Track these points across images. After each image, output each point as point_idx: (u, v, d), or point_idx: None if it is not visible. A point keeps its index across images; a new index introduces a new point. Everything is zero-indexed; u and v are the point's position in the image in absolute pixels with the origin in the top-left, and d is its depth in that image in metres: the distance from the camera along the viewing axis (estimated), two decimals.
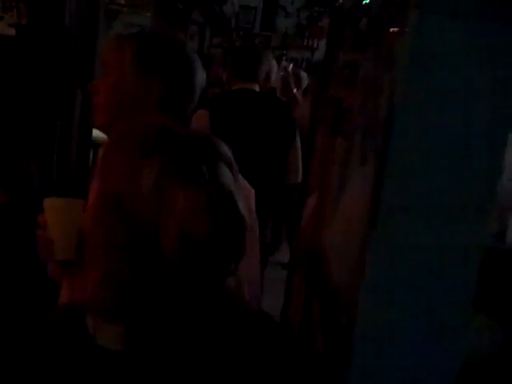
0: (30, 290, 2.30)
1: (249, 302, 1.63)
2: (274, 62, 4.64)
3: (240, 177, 1.82)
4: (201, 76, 1.74)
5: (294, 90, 5.86)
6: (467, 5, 1.12)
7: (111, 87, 1.65)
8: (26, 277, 2.30)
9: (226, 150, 1.06)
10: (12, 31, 2.95)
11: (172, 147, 0.99)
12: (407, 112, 1.16)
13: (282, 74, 6.00)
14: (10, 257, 2.34)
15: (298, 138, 3.64)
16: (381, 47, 1.46)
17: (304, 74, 6.51)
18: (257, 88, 3.63)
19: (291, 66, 6.89)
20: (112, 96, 1.65)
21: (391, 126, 1.16)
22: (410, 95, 1.16)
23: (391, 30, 1.38)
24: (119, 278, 0.98)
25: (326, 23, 8.39)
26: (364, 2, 1.81)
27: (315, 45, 10.32)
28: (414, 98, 1.16)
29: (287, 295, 2.68)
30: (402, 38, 1.22)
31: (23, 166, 2.51)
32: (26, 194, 2.48)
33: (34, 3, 3.07)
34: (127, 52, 1.64)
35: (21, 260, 2.33)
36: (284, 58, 10.28)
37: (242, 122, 3.51)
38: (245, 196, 1.78)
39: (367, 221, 1.23)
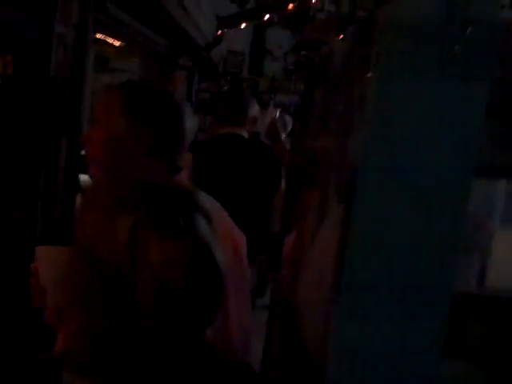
0: (12, 339, 2.29)
1: (235, 348, 1.62)
2: (259, 107, 4.69)
3: (232, 224, 1.84)
4: (190, 122, 1.78)
5: (282, 136, 5.89)
6: (428, 64, 1.14)
7: (102, 138, 1.70)
8: (7, 324, 2.29)
9: (203, 201, 1.07)
10: None
11: (148, 200, 1.00)
12: (368, 177, 1.17)
13: (269, 118, 6.04)
14: None
15: (283, 184, 3.66)
16: (351, 88, 1.48)
17: (289, 119, 6.57)
18: (244, 133, 3.65)
19: (278, 111, 6.94)
20: (104, 147, 1.70)
21: (353, 192, 1.18)
22: (370, 161, 1.17)
23: (360, 70, 1.40)
24: (94, 330, 0.98)
25: None
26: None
27: (302, 89, 10.43)
28: (374, 162, 1.18)
29: (267, 342, 2.66)
30: (361, 99, 1.24)
31: (9, 217, 2.52)
32: (10, 243, 2.48)
33: (20, 53, 3.10)
34: (116, 103, 1.70)
35: (7, 308, 2.32)
36: (272, 101, 10.39)
37: (228, 167, 3.53)
38: (234, 244, 1.79)
39: (331, 287, 1.24)
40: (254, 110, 3.85)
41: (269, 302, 5.32)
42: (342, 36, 1.75)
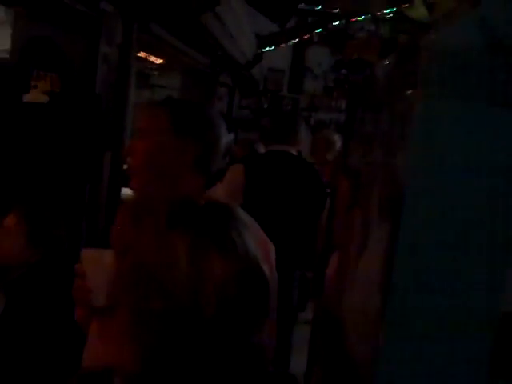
0: (61, 340, 2.36)
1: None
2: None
3: (263, 233, 1.87)
4: (226, 139, 1.84)
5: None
6: (471, 89, 1.18)
7: (148, 150, 1.77)
8: (57, 326, 2.37)
9: (242, 214, 1.10)
10: (45, 98, 3.08)
11: (196, 218, 1.04)
12: (417, 195, 1.21)
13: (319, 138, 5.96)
14: (42, 309, 2.41)
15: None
16: (395, 109, 1.52)
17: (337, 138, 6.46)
18: (294, 151, 3.75)
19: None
20: (148, 158, 1.77)
21: (401, 209, 1.21)
22: (415, 180, 1.21)
23: (404, 92, 1.44)
24: (151, 345, 1.00)
25: None
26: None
27: (343, 106, 10.45)
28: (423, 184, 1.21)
29: (310, 357, 2.67)
30: (410, 123, 1.27)
31: (55, 228, 2.61)
32: (57, 253, 2.57)
33: (67, 72, 3.21)
34: (162, 117, 1.77)
35: (51, 311, 2.40)
36: (312, 119, 10.42)
37: (278, 183, 3.60)
38: (266, 253, 1.83)
39: (380, 298, 1.26)
40: (304, 131, 3.98)
41: (310, 317, 5.34)
42: (384, 59, 1.79)
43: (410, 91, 1.29)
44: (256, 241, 1.10)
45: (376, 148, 1.70)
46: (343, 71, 9.93)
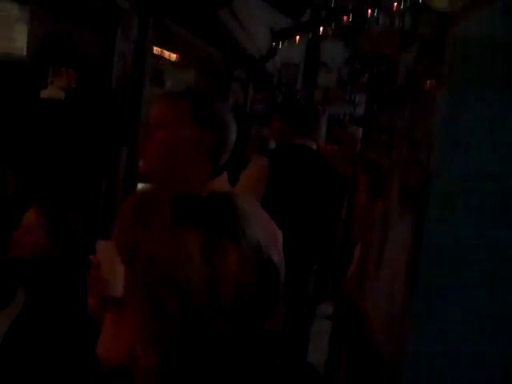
0: (79, 334, 2.38)
1: None
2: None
3: (271, 221, 1.89)
4: (235, 134, 1.90)
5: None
6: (499, 77, 1.18)
7: (167, 136, 1.83)
8: (75, 321, 2.39)
9: (244, 205, 1.10)
10: (62, 94, 3.11)
11: (203, 211, 1.04)
12: (444, 185, 1.21)
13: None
14: (62, 303, 2.44)
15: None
16: (417, 99, 1.52)
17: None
18: (314, 146, 3.75)
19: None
20: (166, 144, 1.83)
21: (427, 199, 1.21)
22: (441, 170, 1.21)
23: (427, 82, 1.44)
24: (170, 341, 1.01)
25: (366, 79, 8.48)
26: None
27: (357, 100, 10.42)
28: (447, 172, 1.21)
29: (331, 349, 2.68)
30: (435, 112, 1.27)
31: (74, 223, 2.63)
32: (76, 248, 2.59)
33: (83, 68, 3.23)
34: (183, 108, 1.84)
35: (70, 305, 2.42)
36: (326, 112, 10.38)
37: (299, 177, 3.61)
38: (273, 237, 1.84)
39: (406, 290, 1.26)
40: (325, 125, 3.98)
41: (329, 312, 5.36)
42: (404, 51, 1.80)
43: (433, 81, 1.29)
44: (262, 227, 1.11)
45: (398, 140, 1.70)
46: (357, 65, 9.90)
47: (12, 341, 2.39)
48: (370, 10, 6.83)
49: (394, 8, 5.91)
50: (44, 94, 3.10)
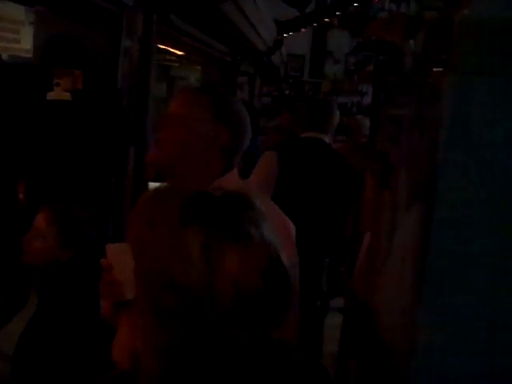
0: (92, 337, 2.37)
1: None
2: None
3: (283, 215, 1.88)
4: (250, 130, 1.91)
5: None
6: (508, 61, 1.14)
7: (184, 128, 1.84)
8: (88, 324, 2.38)
9: (259, 204, 1.08)
10: (68, 96, 3.09)
11: (210, 210, 1.02)
12: (452, 172, 1.18)
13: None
14: (74, 307, 2.43)
15: None
16: (425, 87, 1.48)
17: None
18: (326, 139, 3.73)
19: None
20: (182, 137, 1.84)
21: (434, 190, 1.19)
22: (450, 158, 1.18)
23: (434, 69, 1.41)
24: (168, 344, 0.99)
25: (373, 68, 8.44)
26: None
27: (364, 89, 10.37)
28: (454, 160, 1.18)
29: (342, 343, 2.66)
30: (443, 99, 1.24)
31: (84, 226, 2.62)
32: (86, 251, 2.58)
33: (89, 68, 3.21)
34: (204, 102, 1.85)
35: (82, 309, 2.41)
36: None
37: (311, 170, 3.59)
38: (286, 233, 1.83)
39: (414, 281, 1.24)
40: (337, 118, 3.94)
41: (342, 305, 5.35)
42: (411, 38, 1.76)
43: (441, 68, 1.26)
44: (275, 228, 1.08)
45: (406, 129, 1.67)
46: (364, 53, 9.85)
47: (26, 343, 2.39)
48: None
49: None
50: (50, 95, 3.09)
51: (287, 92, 10.75)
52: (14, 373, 2.38)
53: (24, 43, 3.58)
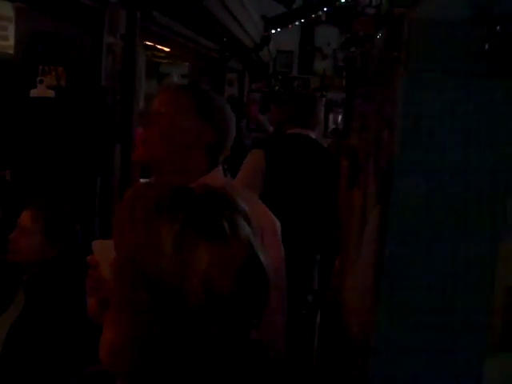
0: (78, 334, 2.37)
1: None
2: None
3: (268, 213, 1.88)
4: (234, 127, 1.92)
5: None
6: (457, 61, 1.15)
7: (167, 124, 1.85)
8: (74, 321, 2.38)
9: (242, 203, 1.07)
10: (51, 93, 3.08)
11: (188, 206, 1.01)
12: (406, 171, 1.19)
13: None
14: (61, 305, 2.43)
15: None
16: (383, 84, 1.49)
17: None
18: (312, 135, 3.72)
19: None
20: (165, 133, 1.85)
21: (390, 189, 1.19)
22: (404, 158, 1.19)
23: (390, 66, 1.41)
24: (140, 338, 0.98)
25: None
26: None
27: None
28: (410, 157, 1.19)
29: (319, 343, 2.67)
30: (392, 100, 1.25)
31: (70, 223, 2.62)
32: (72, 248, 2.58)
33: (72, 65, 3.20)
34: (187, 99, 1.87)
35: (69, 306, 2.41)
36: (323, 99, 10.35)
37: (298, 166, 3.59)
38: (272, 231, 1.83)
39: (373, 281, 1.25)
40: (321, 113, 3.95)
41: None
42: (379, 34, 1.77)
43: (395, 66, 1.27)
44: (261, 227, 1.08)
45: (370, 125, 1.68)
46: (353, 49, 9.85)
47: (13, 340, 2.38)
48: None
49: None
50: (34, 93, 3.07)
51: (277, 88, 10.74)
52: (1, 369, 2.37)
53: (12, 40, 3.56)
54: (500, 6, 1.12)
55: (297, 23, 8.75)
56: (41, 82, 3.07)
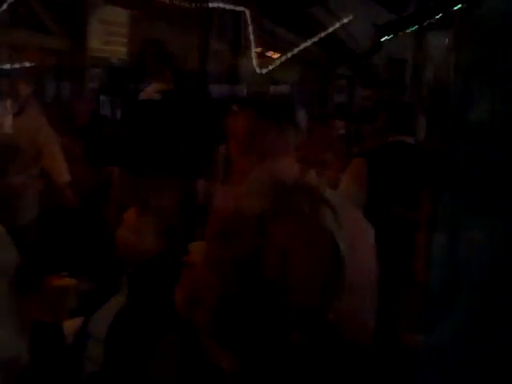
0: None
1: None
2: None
3: (358, 215, 1.89)
4: None
5: None
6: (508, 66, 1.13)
7: (252, 132, 1.91)
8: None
9: (329, 196, 1.12)
10: (158, 96, 3.20)
11: (278, 190, 1.08)
12: None
13: None
14: (162, 300, 2.52)
15: None
16: None
17: None
18: (412, 141, 3.68)
19: None
20: (253, 140, 1.91)
21: None
22: None
23: None
24: (224, 296, 1.06)
25: None
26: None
27: None
28: None
29: None
30: None
31: (176, 221, 2.70)
32: (175, 246, 2.66)
33: (179, 70, 3.32)
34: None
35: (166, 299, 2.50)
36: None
37: (400, 175, 3.55)
38: (359, 230, 1.85)
39: None
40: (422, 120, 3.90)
41: None
42: None
43: None
44: (355, 232, 1.11)
45: None
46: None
47: (118, 328, 2.47)
48: None
49: None
50: (142, 95, 3.20)
51: (387, 96, 10.58)
52: (107, 354, 2.47)
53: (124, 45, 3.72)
54: None
55: (410, 30, 8.60)
56: (150, 85, 3.21)
